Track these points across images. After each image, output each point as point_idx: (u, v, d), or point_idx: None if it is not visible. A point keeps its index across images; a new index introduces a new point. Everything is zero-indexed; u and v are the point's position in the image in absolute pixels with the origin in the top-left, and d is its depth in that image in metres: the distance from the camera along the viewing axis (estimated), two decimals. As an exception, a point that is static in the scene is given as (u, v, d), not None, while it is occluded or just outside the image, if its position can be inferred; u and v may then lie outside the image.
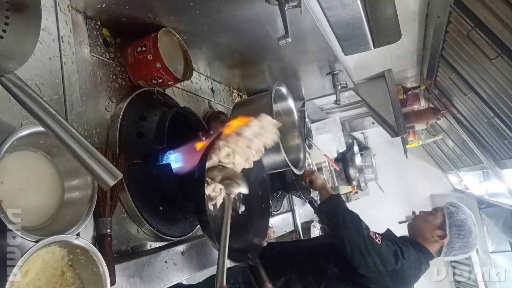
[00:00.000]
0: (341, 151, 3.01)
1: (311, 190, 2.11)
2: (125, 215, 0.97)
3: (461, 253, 1.50)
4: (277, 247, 1.66)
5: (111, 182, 0.60)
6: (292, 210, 2.11)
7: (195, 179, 0.94)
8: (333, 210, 1.42)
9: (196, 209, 0.97)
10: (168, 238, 1.06)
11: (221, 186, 1.00)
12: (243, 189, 0.96)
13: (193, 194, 0.95)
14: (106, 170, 0.60)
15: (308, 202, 2.14)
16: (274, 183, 1.91)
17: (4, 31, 0.60)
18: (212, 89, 1.60)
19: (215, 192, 1.02)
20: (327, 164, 2.77)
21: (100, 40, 1.04)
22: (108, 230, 0.85)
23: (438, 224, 1.51)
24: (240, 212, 1.22)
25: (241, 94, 1.86)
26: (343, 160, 3.36)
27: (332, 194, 1.53)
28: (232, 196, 0.94)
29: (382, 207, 4.96)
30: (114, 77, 1.06)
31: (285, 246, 1.67)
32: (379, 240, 1.32)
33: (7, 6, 0.59)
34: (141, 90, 1.10)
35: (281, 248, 1.64)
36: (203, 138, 1.13)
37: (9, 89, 0.59)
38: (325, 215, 1.49)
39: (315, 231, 2.49)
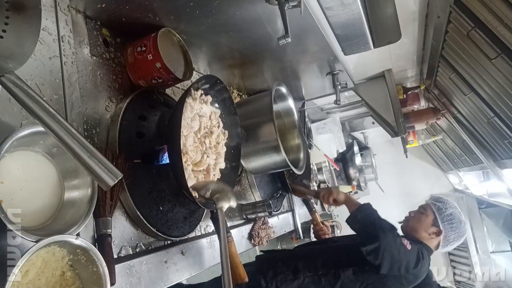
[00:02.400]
0: (341, 151, 3.01)
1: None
2: (125, 215, 0.97)
3: (455, 242, 1.61)
4: (289, 252, 1.67)
5: (111, 182, 0.60)
6: (292, 210, 2.11)
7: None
8: (368, 219, 1.46)
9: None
10: (168, 238, 1.06)
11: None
12: (233, 203, 0.97)
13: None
14: (106, 170, 0.60)
15: (303, 201, 2.15)
16: (274, 183, 1.91)
17: (4, 31, 0.60)
18: (212, 89, 1.60)
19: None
20: (327, 164, 2.77)
21: (100, 40, 1.04)
22: (108, 230, 0.85)
23: (431, 222, 1.59)
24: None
25: (241, 94, 1.86)
26: (343, 160, 3.36)
27: (362, 203, 1.56)
28: (224, 209, 0.94)
29: (382, 207, 4.93)
30: (114, 77, 1.06)
31: (297, 250, 1.68)
32: (408, 246, 1.37)
33: (7, 6, 0.59)
34: (141, 90, 1.10)
35: (294, 252, 1.65)
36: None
37: (9, 89, 0.59)
38: (360, 223, 1.50)
39: (315, 231, 2.49)
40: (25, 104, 0.59)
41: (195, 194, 1.02)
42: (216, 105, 1.22)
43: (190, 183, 1.03)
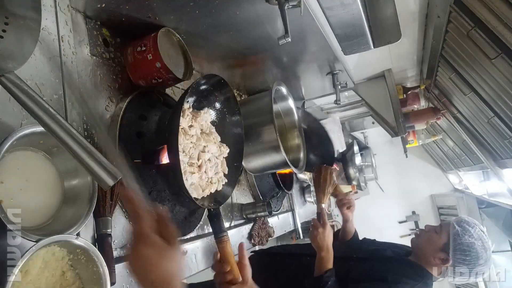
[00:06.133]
0: (341, 151, 3.01)
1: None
2: (125, 215, 0.97)
3: (467, 278, 1.35)
4: (281, 261, 1.60)
5: (111, 182, 0.60)
6: (292, 210, 2.11)
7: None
8: None
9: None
10: (168, 238, 1.05)
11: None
12: None
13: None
14: (105, 170, 0.60)
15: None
16: (274, 183, 1.91)
17: (4, 31, 0.60)
18: (212, 89, 1.59)
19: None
20: (327, 164, 2.77)
21: (100, 40, 1.04)
22: (108, 230, 0.85)
23: (441, 245, 1.36)
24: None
25: (241, 94, 1.86)
26: (343, 160, 3.36)
27: (326, 270, 1.31)
28: None
29: (382, 207, 4.98)
30: (114, 77, 1.06)
31: (288, 262, 1.58)
32: None
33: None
34: (141, 90, 1.10)
35: (284, 264, 1.57)
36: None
37: (9, 89, 0.59)
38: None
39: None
40: (25, 104, 0.59)
41: (194, 194, 1.02)
42: (217, 105, 1.22)
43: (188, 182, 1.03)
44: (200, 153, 1.09)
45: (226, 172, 1.21)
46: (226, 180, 1.19)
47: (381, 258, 1.47)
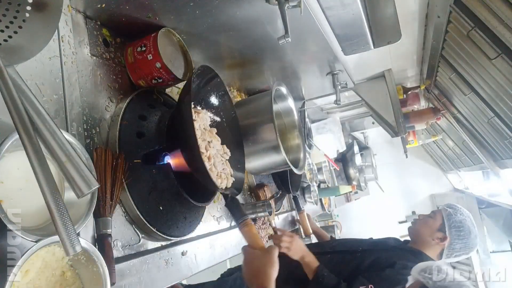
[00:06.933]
0: (341, 151, 3.01)
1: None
2: (125, 215, 0.97)
3: (462, 254, 1.52)
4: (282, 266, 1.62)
5: (86, 190, 0.58)
6: (292, 210, 2.11)
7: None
8: None
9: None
10: (168, 238, 1.06)
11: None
12: None
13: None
14: (82, 177, 0.59)
15: (293, 198, 2.12)
16: (274, 183, 1.91)
17: (20, 27, 0.62)
18: (212, 89, 1.59)
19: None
20: (327, 164, 2.78)
21: (100, 40, 1.04)
22: (108, 230, 0.85)
23: (437, 226, 1.53)
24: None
25: (241, 94, 1.86)
26: (343, 160, 3.37)
27: (315, 268, 1.41)
28: None
29: (382, 207, 4.97)
30: (114, 77, 1.06)
31: (293, 267, 1.57)
32: None
33: (31, 2, 0.61)
34: (141, 90, 1.10)
35: (288, 270, 1.60)
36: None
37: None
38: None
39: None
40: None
41: (218, 180, 1.03)
42: (214, 103, 1.22)
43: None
44: (208, 144, 1.09)
45: (232, 173, 1.20)
46: (234, 179, 1.18)
47: (386, 248, 1.59)
